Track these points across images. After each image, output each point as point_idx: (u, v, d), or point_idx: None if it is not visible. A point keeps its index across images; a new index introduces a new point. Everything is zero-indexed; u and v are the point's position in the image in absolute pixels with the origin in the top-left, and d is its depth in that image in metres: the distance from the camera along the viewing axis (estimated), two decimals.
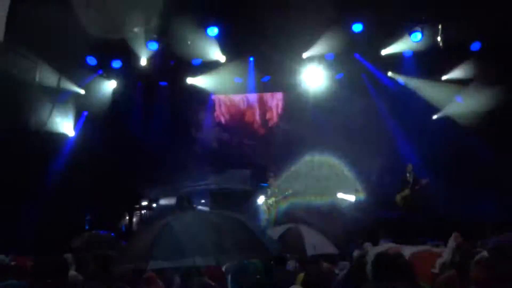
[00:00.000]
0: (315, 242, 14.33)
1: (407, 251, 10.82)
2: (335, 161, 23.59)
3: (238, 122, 26.50)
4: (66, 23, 20.31)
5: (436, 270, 10.10)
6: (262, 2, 20.73)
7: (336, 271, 11.77)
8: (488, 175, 21.14)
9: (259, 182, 23.74)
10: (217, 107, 26.74)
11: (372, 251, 10.99)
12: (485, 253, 10.52)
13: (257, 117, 26.43)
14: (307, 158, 23.78)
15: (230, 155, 25.59)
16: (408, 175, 22.09)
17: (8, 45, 20.51)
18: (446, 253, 10.53)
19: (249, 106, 26.54)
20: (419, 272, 9.68)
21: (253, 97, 26.28)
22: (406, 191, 21.86)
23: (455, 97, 23.07)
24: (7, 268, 11.12)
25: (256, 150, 25.58)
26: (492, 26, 20.98)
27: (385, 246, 11.39)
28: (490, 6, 20.28)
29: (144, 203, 24.09)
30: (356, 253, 12.64)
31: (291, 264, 13.60)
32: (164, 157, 24.34)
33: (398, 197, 21.90)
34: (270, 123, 26.25)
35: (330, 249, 14.54)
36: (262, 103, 26.35)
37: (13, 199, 20.30)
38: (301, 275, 9.59)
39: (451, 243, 10.53)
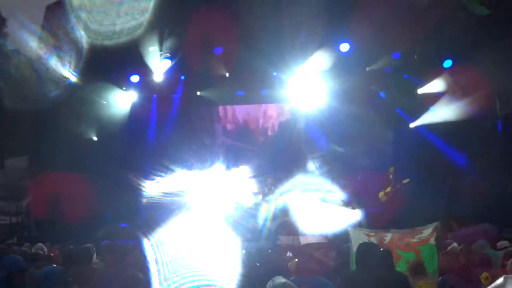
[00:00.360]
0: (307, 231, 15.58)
1: (389, 235, 11.57)
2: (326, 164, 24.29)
3: (241, 130, 26.81)
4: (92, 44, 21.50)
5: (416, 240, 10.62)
6: (261, 25, 21.31)
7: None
8: (458, 176, 21.63)
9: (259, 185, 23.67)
10: (223, 117, 27.03)
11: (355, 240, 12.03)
12: (455, 244, 11.74)
13: (258, 126, 26.77)
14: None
15: (235, 159, 25.55)
16: (390, 176, 22.25)
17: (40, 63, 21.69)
18: (426, 232, 11.11)
19: (251, 116, 26.80)
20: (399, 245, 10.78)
21: (253, 107, 26.61)
22: (388, 189, 22.00)
23: (429, 107, 23.07)
24: (44, 256, 12.24)
25: (257, 155, 25.79)
26: (461, 46, 21.38)
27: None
28: (459, 28, 20.52)
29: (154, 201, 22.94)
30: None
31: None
32: (176, 160, 24.23)
33: (381, 194, 22.09)
34: (270, 132, 26.62)
35: (320, 238, 15.33)
36: (262, 113, 26.68)
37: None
38: (294, 262, 9.71)
39: (433, 226, 11.65)
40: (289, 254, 13.70)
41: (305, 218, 18.83)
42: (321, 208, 21.43)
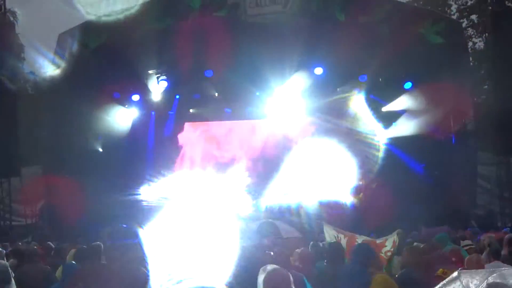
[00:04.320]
0: (286, 231, 15.54)
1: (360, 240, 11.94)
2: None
3: (228, 142, 26.17)
4: (98, 68, 21.48)
5: (384, 256, 10.26)
6: (246, 52, 21.36)
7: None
8: (417, 183, 21.51)
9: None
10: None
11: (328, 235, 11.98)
12: (419, 244, 11.64)
13: (242, 138, 26.07)
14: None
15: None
16: (360, 182, 22.52)
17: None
18: (388, 243, 11.01)
19: (236, 130, 26.25)
20: None
21: (239, 123, 26.34)
22: (361, 194, 22.30)
23: (392, 123, 23.09)
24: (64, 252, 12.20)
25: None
26: (420, 70, 21.43)
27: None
28: (418, 54, 20.90)
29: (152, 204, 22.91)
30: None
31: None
32: (171, 168, 24.57)
33: (355, 199, 22.27)
34: (254, 143, 25.73)
35: (296, 233, 15.66)
36: (246, 128, 26.23)
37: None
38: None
39: (394, 236, 11.67)
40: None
41: (284, 218, 18.89)
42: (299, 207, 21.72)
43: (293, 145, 25.22)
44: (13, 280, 4.94)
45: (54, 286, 8.88)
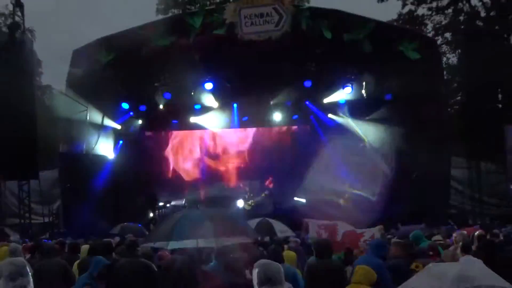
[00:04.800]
0: (280, 228, 15.53)
1: (342, 228, 11.91)
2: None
3: (226, 147, 26.78)
4: (109, 81, 21.52)
5: (363, 244, 10.51)
6: (242, 67, 21.74)
7: None
8: (396, 185, 21.21)
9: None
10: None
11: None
12: (396, 239, 11.70)
13: (239, 144, 26.70)
14: None
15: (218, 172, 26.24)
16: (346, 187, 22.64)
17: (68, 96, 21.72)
18: (367, 234, 11.41)
19: (233, 137, 26.77)
20: (351, 244, 10.66)
21: (236, 130, 26.46)
22: (346, 195, 22.64)
23: (374, 131, 23.05)
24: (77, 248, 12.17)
25: (239, 173, 26.25)
26: (399, 83, 21.17)
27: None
28: (397, 70, 20.78)
29: (161, 203, 24.17)
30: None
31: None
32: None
33: (342, 200, 22.37)
34: (247, 148, 26.58)
35: (288, 232, 15.42)
36: (242, 135, 26.65)
37: (75, 200, 21.52)
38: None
39: (375, 231, 11.79)
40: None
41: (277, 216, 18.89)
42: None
43: (286, 150, 25.62)
44: (30, 275, 4.93)
45: (84, 275, 8.88)
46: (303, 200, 23.17)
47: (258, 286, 4.55)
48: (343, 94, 23.44)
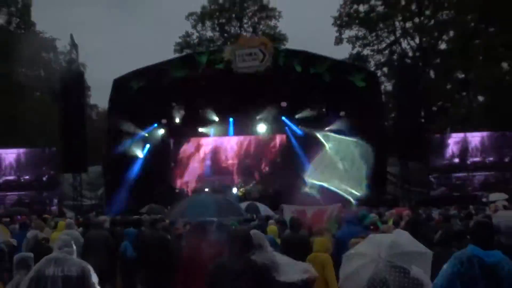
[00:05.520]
0: (264, 209, 15.44)
1: (310, 210, 11.22)
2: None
3: (225, 150, 26.18)
4: (139, 102, 21.44)
5: (324, 223, 10.13)
6: (236, 92, 21.44)
7: None
8: None
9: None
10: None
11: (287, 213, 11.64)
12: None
13: (234, 148, 26.11)
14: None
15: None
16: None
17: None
18: (329, 210, 10.99)
19: (230, 142, 26.20)
20: (317, 222, 10.15)
21: (232, 138, 25.96)
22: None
23: (332, 139, 22.43)
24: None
25: (234, 168, 25.84)
26: (350, 103, 21.38)
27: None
28: (349, 94, 20.99)
29: (177, 191, 23.95)
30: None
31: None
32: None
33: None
34: (240, 151, 26.05)
35: (270, 213, 15.42)
36: (237, 141, 26.14)
37: (114, 187, 21.66)
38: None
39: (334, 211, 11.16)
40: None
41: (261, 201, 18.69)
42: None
43: (269, 152, 25.46)
44: (74, 247, 4.88)
45: (124, 243, 9.15)
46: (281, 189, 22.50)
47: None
48: (310, 112, 23.25)
